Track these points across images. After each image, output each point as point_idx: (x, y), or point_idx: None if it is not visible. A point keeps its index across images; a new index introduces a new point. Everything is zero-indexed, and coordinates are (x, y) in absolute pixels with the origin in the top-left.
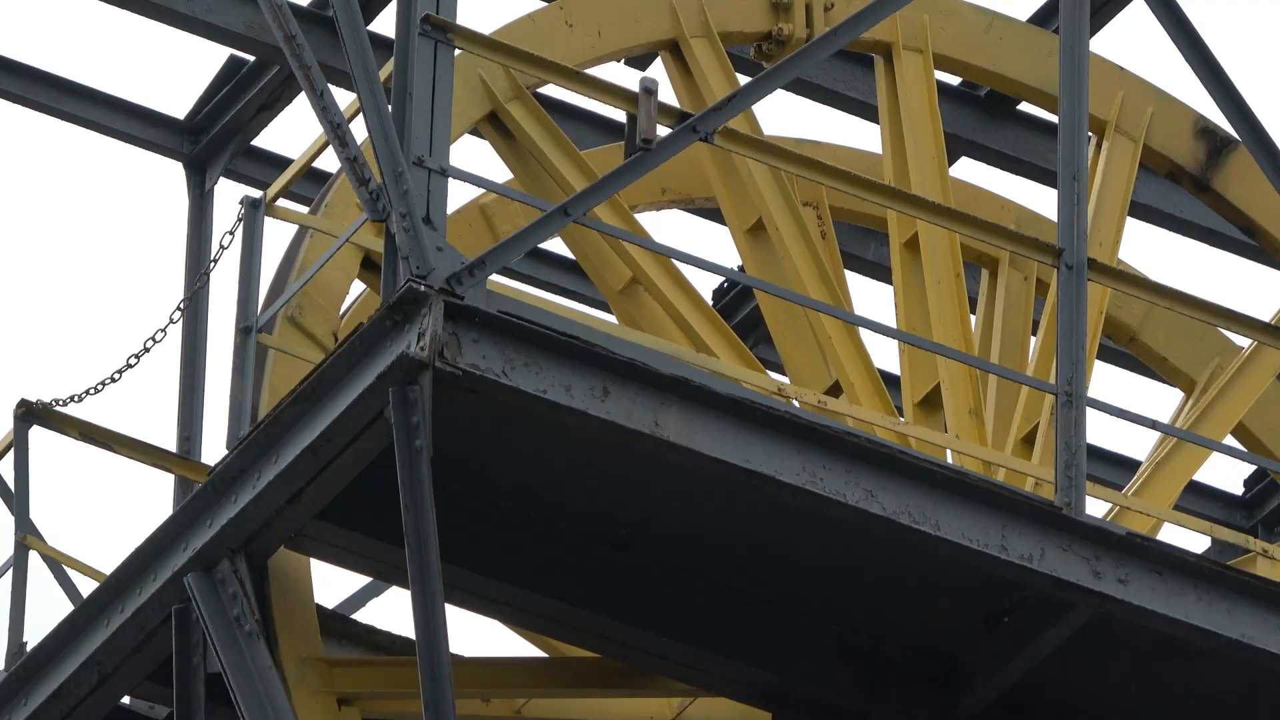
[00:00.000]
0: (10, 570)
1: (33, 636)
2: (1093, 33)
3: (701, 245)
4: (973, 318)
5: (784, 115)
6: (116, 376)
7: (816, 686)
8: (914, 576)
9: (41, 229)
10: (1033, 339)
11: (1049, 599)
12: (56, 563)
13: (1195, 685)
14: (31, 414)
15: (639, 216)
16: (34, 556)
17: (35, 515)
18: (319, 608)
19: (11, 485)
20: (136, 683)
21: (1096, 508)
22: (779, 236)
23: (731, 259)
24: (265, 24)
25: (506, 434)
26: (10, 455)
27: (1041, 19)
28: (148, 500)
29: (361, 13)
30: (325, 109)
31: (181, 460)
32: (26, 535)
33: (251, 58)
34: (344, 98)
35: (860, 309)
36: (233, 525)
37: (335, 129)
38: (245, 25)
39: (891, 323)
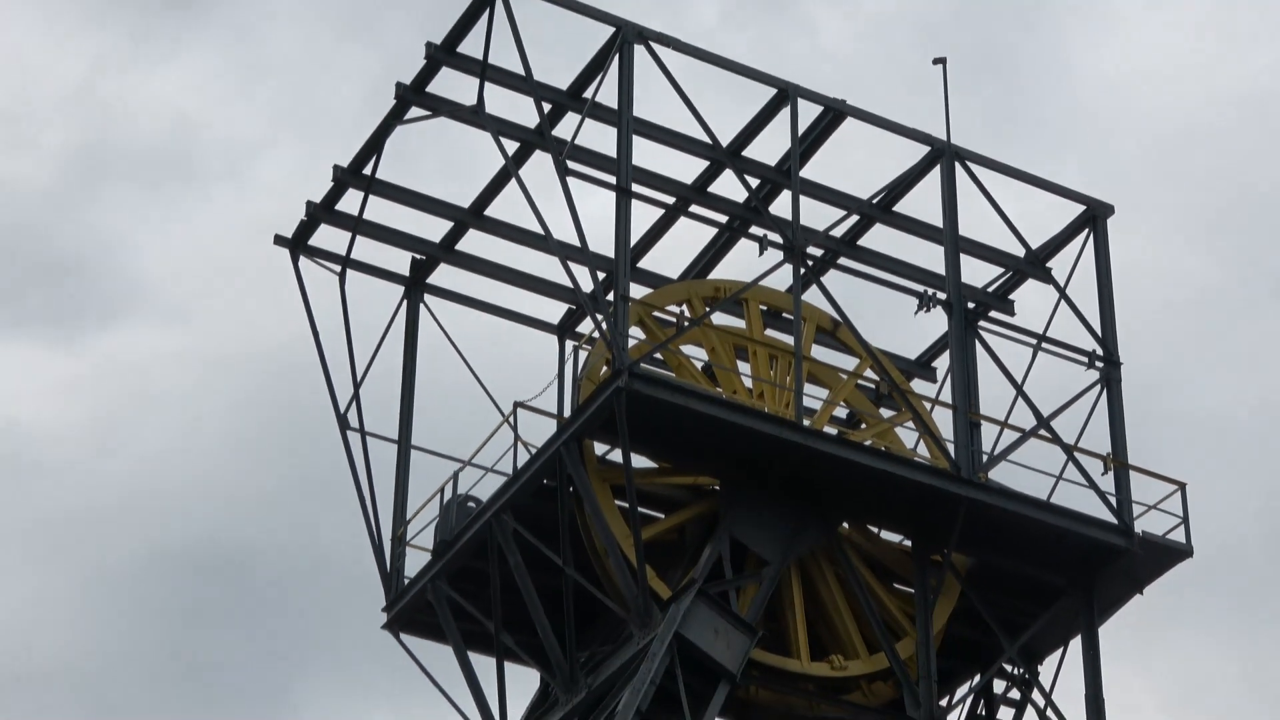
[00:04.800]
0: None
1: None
2: (804, 289)
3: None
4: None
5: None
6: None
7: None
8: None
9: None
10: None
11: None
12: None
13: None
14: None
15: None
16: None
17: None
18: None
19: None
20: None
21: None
22: (715, 357)
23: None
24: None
25: (654, 417)
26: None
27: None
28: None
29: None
30: (606, 335)
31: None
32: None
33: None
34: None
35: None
36: (573, 437)
37: (609, 344)
38: (570, 299)
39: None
